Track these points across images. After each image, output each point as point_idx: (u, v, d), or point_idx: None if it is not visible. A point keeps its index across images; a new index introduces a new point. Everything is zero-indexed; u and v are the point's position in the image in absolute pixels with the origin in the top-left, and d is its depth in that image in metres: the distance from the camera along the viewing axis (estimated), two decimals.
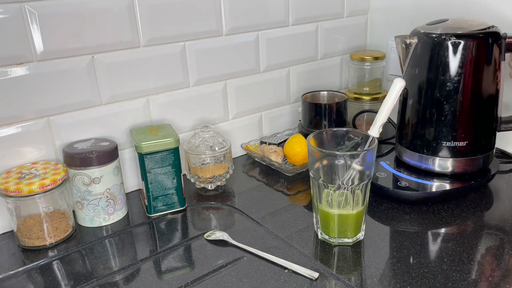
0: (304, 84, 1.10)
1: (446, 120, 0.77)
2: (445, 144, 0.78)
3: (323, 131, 0.72)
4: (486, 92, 0.77)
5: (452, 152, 0.78)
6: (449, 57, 0.75)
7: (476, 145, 0.79)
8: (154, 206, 0.79)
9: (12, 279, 0.66)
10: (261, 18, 0.96)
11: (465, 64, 0.74)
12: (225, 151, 0.87)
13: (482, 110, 0.78)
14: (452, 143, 0.77)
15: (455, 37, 0.74)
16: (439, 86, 0.76)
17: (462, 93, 0.75)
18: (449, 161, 0.79)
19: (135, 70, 0.83)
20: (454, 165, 0.79)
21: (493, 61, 0.75)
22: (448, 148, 0.78)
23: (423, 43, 0.78)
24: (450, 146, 0.78)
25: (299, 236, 0.72)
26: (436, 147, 0.79)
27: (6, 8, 0.69)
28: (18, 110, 0.74)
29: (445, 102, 0.76)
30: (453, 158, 0.79)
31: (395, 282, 0.60)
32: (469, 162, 0.79)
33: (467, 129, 0.77)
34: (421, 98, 0.79)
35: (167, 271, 0.66)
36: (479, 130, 0.79)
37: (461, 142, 0.77)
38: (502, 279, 0.60)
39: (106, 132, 0.83)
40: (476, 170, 0.80)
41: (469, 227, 0.72)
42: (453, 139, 0.77)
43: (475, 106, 0.77)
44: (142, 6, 0.80)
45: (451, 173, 0.80)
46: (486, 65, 0.75)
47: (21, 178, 0.70)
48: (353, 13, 1.13)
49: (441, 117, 0.77)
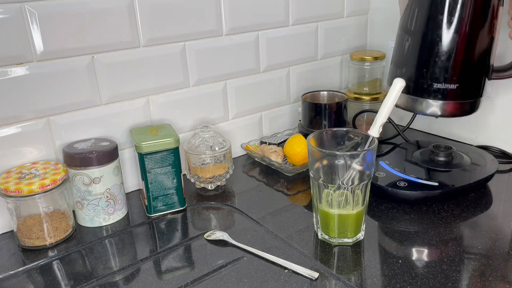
0: (304, 84, 1.10)
1: (439, 61, 0.77)
2: (436, 86, 0.78)
3: (323, 131, 0.72)
4: (481, 37, 0.77)
5: (442, 94, 0.78)
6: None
7: (465, 89, 0.79)
8: (154, 206, 0.79)
9: (12, 279, 0.66)
10: (261, 18, 0.97)
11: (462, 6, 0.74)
12: (225, 151, 0.87)
13: (475, 55, 0.77)
14: (443, 85, 0.77)
15: None
16: (434, 26, 0.76)
17: (457, 35, 0.75)
18: (438, 103, 0.79)
19: (135, 70, 0.83)
20: (443, 109, 0.79)
21: (491, 6, 0.75)
22: (438, 90, 0.78)
23: None
24: (441, 88, 0.78)
25: (299, 236, 0.72)
26: (427, 89, 0.79)
27: (6, 8, 0.69)
28: (18, 110, 0.74)
29: (440, 43, 0.76)
30: (442, 101, 0.79)
31: (395, 282, 0.60)
32: (456, 106, 0.79)
33: (458, 72, 0.77)
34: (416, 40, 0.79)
35: (167, 271, 0.66)
36: (470, 75, 0.78)
37: (451, 85, 0.77)
38: (502, 279, 0.60)
39: (106, 132, 0.83)
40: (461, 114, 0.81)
41: (469, 227, 0.72)
42: (444, 81, 0.77)
43: (468, 50, 0.76)
44: (142, 6, 0.80)
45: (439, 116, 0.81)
46: (483, 9, 0.75)
47: (21, 178, 0.70)
48: (353, 13, 1.13)
49: (435, 59, 0.77)
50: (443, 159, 0.86)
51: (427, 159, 0.87)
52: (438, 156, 0.86)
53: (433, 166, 0.84)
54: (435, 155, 0.87)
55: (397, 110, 0.86)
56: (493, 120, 0.96)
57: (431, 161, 0.86)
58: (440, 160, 0.86)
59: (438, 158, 0.86)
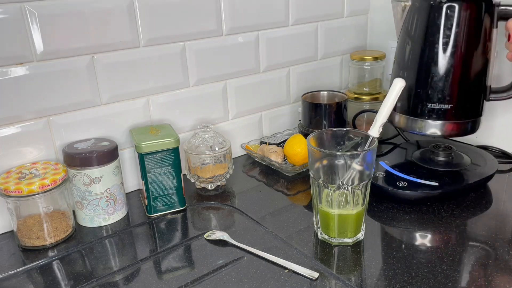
0: (304, 84, 1.10)
1: (436, 82, 0.78)
2: (433, 106, 0.79)
3: (323, 131, 0.72)
4: (475, 58, 0.78)
5: (440, 115, 0.80)
6: (441, 20, 0.76)
7: (463, 109, 0.80)
8: (154, 206, 0.79)
9: (12, 279, 0.66)
10: (261, 18, 0.97)
11: (455, 29, 0.76)
12: (225, 151, 0.87)
13: (471, 76, 0.78)
14: (440, 106, 0.79)
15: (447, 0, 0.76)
16: (430, 48, 0.78)
17: (452, 56, 0.77)
18: (437, 123, 0.80)
19: (135, 70, 0.83)
20: (442, 129, 0.81)
21: (483, 29, 0.76)
22: (436, 110, 0.79)
23: (417, 6, 0.79)
24: (438, 109, 0.79)
25: (299, 236, 0.72)
26: (423, 110, 0.80)
27: (6, 8, 0.69)
28: (18, 110, 0.74)
29: (434, 65, 0.78)
30: (441, 121, 0.80)
31: (395, 282, 0.60)
32: (456, 125, 0.80)
33: (455, 93, 0.78)
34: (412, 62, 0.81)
35: (167, 271, 0.66)
36: (467, 95, 0.79)
37: (448, 105, 0.79)
38: (502, 279, 0.60)
39: (106, 132, 0.83)
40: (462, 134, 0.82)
41: (469, 227, 0.72)
42: (441, 102, 0.79)
43: (464, 71, 0.78)
44: (142, 6, 0.80)
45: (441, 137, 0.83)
46: (477, 32, 0.76)
47: (21, 178, 0.70)
48: (353, 13, 1.13)
49: (430, 80, 0.79)
50: (443, 159, 0.86)
51: (427, 159, 0.87)
52: (438, 156, 0.86)
53: (433, 166, 0.84)
54: (435, 155, 0.87)
55: None
56: (493, 120, 0.96)
57: (431, 161, 0.86)
58: (440, 160, 0.86)
59: (438, 158, 0.86)
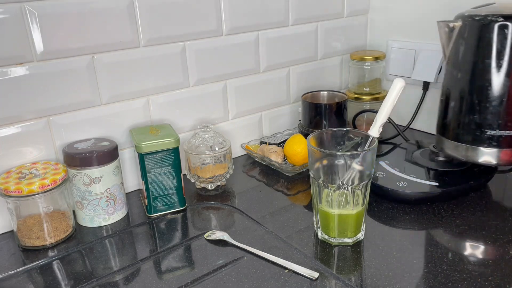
0: (304, 84, 1.10)
1: (491, 106, 0.73)
2: (490, 133, 0.73)
3: (323, 131, 0.72)
4: None
5: (498, 142, 0.74)
6: (495, 40, 0.71)
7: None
8: (154, 206, 0.79)
9: (12, 279, 0.66)
10: (261, 18, 0.97)
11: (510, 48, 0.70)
12: (225, 151, 0.87)
13: None
14: (497, 132, 0.73)
15: (502, 18, 0.70)
16: (485, 70, 0.73)
17: (508, 78, 0.71)
18: (493, 151, 0.74)
19: (135, 70, 0.83)
20: (498, 157, 0.75)
21: None
22: (493, 137, 0.74)
23: (468, 26, 0.74)
24: (495, 135, 0.73)
25: (299, 236, 0.72)
26: (480, 136, 0.75)
27: (6, 8, 0.69)
28: (18, 110, 0.74)
29: (491, 87, 0.72)
30: (498, 148, 0.74)
31: (395, 282, 0.60)
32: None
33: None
34: (465, 84, 0.76)
35: (167, 271, 0.66)
36: None
37: (507, 131, 0.73)
38: (502, 279, 0.60)
39: (106, 132, 0.83)
40: None
41: (469, 227, 0.72)
42: (498, 128, 0.73)
43: None
44: (142, 6, 0.80)
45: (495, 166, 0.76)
46: None
47: (21, 178, 0.70)
48: (353, 13, 1.13)
49: (487, 104, 0.73)
50: (443, 159, 0.86)
51: (427, 159, 0.87)
52: (438, 156, 0.86)
53: (433, 166, 0.84)
54: (435, 155, 0.87)
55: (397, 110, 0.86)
56: None
57: (431, 161, 0.86)
58: (440, 160, 0.86)
59: (438, 158, 0.86)
